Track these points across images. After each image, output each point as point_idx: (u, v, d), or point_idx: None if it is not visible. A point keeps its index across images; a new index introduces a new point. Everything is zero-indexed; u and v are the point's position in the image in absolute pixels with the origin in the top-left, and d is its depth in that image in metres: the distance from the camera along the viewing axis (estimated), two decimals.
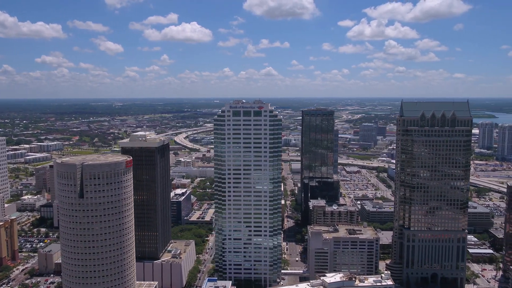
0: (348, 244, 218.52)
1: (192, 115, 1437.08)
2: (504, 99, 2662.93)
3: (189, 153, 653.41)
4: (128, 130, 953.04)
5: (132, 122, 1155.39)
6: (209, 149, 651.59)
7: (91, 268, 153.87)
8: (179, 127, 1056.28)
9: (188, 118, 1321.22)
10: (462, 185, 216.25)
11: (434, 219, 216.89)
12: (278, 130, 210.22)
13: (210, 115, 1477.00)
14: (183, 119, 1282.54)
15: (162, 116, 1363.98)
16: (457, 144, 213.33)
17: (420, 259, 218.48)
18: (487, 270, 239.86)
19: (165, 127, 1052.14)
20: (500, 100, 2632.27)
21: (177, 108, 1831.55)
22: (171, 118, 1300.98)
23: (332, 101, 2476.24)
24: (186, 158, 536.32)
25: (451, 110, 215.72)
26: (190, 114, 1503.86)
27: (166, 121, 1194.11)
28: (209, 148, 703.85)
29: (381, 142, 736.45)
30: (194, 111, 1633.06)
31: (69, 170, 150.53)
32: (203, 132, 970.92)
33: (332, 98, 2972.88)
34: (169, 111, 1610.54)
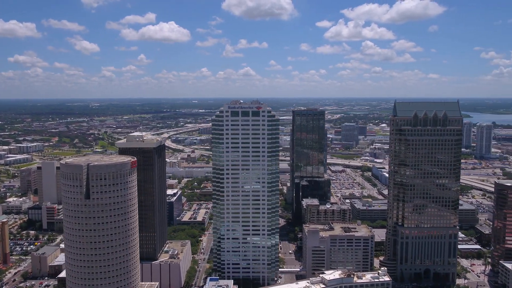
0: (344, 242, 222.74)
1: (172, 116, 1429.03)
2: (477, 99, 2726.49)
3: (173, 154, 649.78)
4: (108, 131, 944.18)
5: (111, 122, 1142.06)
6: (193, 150, 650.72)
7: (97, 269, 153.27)
8: (160, 127, 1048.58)
9: (168, 118, 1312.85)
10: (453, 182, 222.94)
11: (426, 216, 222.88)
12: (276, 131, 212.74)
13: (190, 115, 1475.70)
14: (163, 119, 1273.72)
15: (142, 117, 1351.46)
16: (448, 143, 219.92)
17: (413, 256, 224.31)
18: (476, 265, 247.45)
19: (145, 127, 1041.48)
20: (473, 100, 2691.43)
21: (156, 108, 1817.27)
22: (150, 119, 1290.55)
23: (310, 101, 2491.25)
24: (171, 159, 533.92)
25: (442, 110, 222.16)
26: (170, 114, 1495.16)
27: (146, 122, 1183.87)
28: (193, 148, 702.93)
29: (363, 141, 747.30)
30: (174, 112, 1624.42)
31: (75, 171, 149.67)
32: (184, 132, 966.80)
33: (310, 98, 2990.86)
34: (148, 111, 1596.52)
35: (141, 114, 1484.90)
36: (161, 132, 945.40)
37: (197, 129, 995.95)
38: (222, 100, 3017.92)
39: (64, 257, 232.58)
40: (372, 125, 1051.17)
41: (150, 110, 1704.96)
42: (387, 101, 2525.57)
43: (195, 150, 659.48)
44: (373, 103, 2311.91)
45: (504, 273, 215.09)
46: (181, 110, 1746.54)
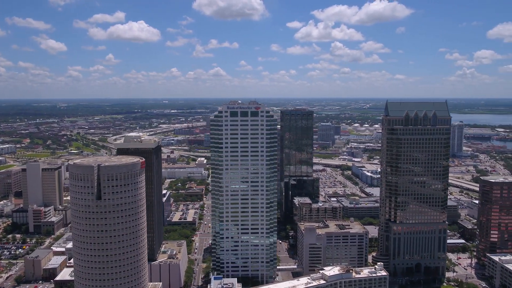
0: (340, 239, 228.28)
1: (144, 116, 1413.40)
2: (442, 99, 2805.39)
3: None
4: (81, 132, 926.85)
5: (83, 123, 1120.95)
6: (172, 151, 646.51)
7: (109, 270, 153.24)
8: (133, 128, 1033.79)
9: (140, 119, 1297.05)
10: (442, 179, 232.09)
11: (418, 212, 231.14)
12: (274, 130, 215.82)
13: (163, 115, 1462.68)
14: (135, 120, 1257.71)
15: (113, 117, 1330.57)
16: (438, 142, 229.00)
17: (405, 251, 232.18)
18: (462, 258, 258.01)
19: (119, 128, 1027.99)
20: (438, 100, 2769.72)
21: (126, 109, 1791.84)
22: (123, 119, 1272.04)
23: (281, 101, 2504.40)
24: None
25: (432, 110, 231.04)
26: (142, 115, 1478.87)
27: (119, 122, 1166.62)
28: (171, 149, 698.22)
29: (339, 141, 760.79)
30: (145, 112, 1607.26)
31: (86, 172, 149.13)
32: (159, 133, 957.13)
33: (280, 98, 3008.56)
34: (118, 112, 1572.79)
35: (112, 114, 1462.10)
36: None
37: (172, 129, 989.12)
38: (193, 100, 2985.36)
39: (57, 260, 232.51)
40: (345, 125, 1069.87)
41: (121, 110, 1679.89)
42: (356, 101, 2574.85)
43: (174, 151, 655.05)
44: (343, 103, 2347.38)
45: (492, 265, 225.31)
46: (153, 110, 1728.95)
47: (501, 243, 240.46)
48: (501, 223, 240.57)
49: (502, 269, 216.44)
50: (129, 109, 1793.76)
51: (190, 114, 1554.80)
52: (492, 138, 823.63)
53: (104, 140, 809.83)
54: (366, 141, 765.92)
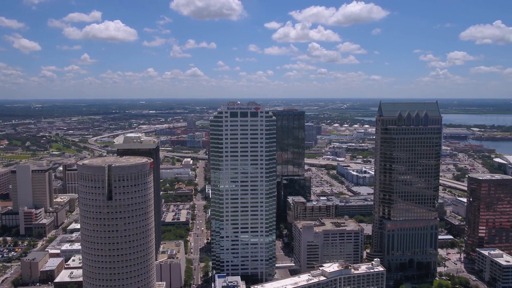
0: (337, 236, 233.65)
1: (122, 117, 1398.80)
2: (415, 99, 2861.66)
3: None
4: (60, 133, 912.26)
5: (61, 124, 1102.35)
6: None
7: (120, 270, 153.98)
8: (113, 129, 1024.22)
9: (119, 120, 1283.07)
10: (434, 177, 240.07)
11: (410, 209, 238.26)
12: (273, 131, 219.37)
13: (141, 116, 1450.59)
14: (114, 121, 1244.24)
15: (91, 118, 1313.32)
16: (430, 141, 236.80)
17: (399, 247, 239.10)
18: (451, 253, 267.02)
19: (98, 129, 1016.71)
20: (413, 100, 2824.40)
21: (103, 109, 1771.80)
22: (101, 120, 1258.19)
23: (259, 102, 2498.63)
24: None
25: (424, 110, 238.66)
26: (120, 115, 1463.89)
27: (98, 123, 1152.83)
28: None
29: (321, 141, 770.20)
30: (123, 113, 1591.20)
31: (97, 173, 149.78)
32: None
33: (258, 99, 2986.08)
34: (96, 113, 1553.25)
35: (89, 115, 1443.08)
36: (116, 134, 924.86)
37: (153, 130, 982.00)
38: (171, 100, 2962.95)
39: (54, 262, 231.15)
40: (325, 125, 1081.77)
41: (98, 111, 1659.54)
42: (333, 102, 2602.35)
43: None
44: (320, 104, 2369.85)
45: (481, 259, 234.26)
46: (131, 111, 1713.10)
47: (489, 238, 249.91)
48: (488, 219, 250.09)
49: (491, 263, 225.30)
50: (106, 109, 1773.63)
51: (169, 114, 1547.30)
52: (468, 138, 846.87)
53: (84, 141, 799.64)
54: (348, 141, 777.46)
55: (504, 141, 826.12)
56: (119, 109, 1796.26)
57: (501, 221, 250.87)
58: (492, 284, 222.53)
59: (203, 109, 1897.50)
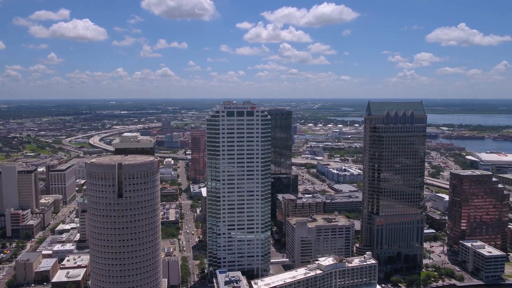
0: (329, 231, 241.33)
1: (94, 117, 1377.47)
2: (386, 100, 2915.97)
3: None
4: (31, 134, 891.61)
5: (31, 125, 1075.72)
6: None
7: (129, 266, 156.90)
8: (86, 130, 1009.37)
9: (91, 120, 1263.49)
10: (420, 173, 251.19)
11: (398, 205, 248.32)
12: (268, 130, 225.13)
13: (113, 117, 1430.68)
14: (86, 121, 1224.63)
15: (62, 119, 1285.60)
16: (416, 138, 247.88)
17: (387, 241, 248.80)
18: (434, 246, 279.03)
19: (71, 130, 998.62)
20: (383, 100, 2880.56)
21: (73, 110, 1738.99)
22: (72, 121, 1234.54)
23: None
24: None
25: (410, 109, 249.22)
26: (91, 116, 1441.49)
27: (69, 124, 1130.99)
28: None
29: (298, 140, 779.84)
30: (94, 113, 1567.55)
31: (108, 171, 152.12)
32: (115, 134, 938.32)
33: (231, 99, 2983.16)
34: (65, 113, 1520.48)
35: (59, 116, 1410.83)
36: (90, 135, 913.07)
37: (128, 131, 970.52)
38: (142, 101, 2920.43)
39: (48, 263, 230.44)
40: (299, 125, 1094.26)
41: (68, 112, 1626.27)
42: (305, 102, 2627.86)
43: None
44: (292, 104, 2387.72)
45: (464, 251, 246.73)
46: (102, 111, 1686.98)
47: (470, 231, 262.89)
48: (470, 213, 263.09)
49: (474, 254, 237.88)
50: (76, 110, 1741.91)
51: (142, 115, 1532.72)
52: (438, 136, 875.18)
53: (58, 142, 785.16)
54: (324, 140, 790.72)
55: (472, 140, 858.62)
56: (89, 110, 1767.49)
57: (481, 214, 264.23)
58: (475, 274, 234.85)
59: (175, 109, 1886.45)
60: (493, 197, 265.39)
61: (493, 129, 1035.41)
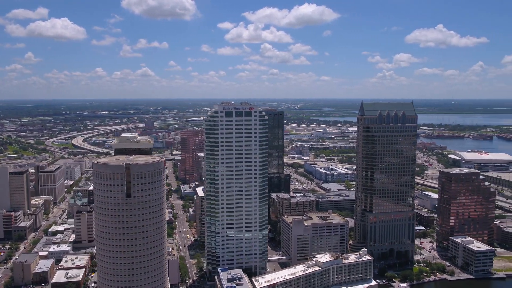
0: (324, 229, 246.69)
1: (75, 118, 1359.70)
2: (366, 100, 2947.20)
3: (98, 157, 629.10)
4: (12, 135, 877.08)
5: (10, 126, 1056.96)
6: None
7: (137, 265, 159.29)
8: (68, 130, 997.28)
9: (72, 121, 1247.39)
10: (411, 171, 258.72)
11: (391, 202, 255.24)
12: (265, 130, 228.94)
13: (94, 117, 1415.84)
14: (67, 122, 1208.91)
15: (42, 119, 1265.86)
16: (407, 138, 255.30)
17: (380, 237, 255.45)
18: (424, 243, 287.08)
19: (52, 131, 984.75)
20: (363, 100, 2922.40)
21: (53, 110, 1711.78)
22: (53, 121, 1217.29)
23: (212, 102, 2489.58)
24: None
25: (401, 110, 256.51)
26: (72, 116, 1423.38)
27: (50, 125, 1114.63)
28: None
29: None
30: (75, 114, 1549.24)
31: (116, 171, 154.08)
32: (98, 135, 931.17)
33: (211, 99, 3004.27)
34: (45, 114, 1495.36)
35: (38, 116, 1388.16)
36: (73, 135, 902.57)
37: (111, 131, 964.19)
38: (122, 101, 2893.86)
39: (45, 264, 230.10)
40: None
41: (47, 112, 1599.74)
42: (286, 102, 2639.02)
43: None
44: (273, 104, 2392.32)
45: (454, 246, 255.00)
46: (82, 112, 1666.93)
47: (458, 228, 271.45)
48: (458, 210, 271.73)
49: (464, 249, 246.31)
50: (55, 110, 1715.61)
51: (123, 115, 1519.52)
52: (419, 136, 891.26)
53: (41, 143, 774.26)
54: (308, 140, 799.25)
55: (452, 139, 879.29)
56: (69, 110, 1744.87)
57: (469, 211, 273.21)
58: (465, 269, 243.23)
59: (157, 109, 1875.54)
60: (480, 194, 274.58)
61: (471, 128, 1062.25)
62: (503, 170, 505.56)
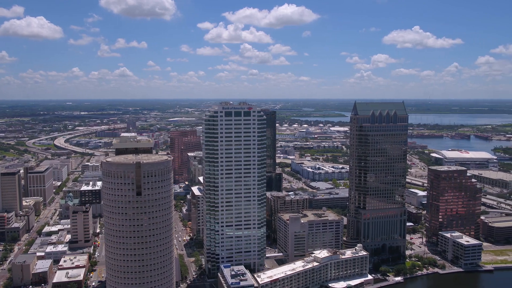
0: (320, 226, 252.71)
1: (54, 118, 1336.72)
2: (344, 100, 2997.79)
3: (82, 157, 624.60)
4: None
5: None
6: (107, 153, 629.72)
7: (146, 262, 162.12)
8: (49, 131, 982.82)
9: (51, 121, 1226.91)
10: (403, 168, 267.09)
11: (383, 199, 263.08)
12: (263, 129, 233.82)
13: (74, 117, 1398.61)
14: (46, 122, 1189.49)
15: (20, 120, 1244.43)
16: (399, 136, 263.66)
17: (373, 233, 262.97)
18: (414, 238, 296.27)
19: (32, 131, 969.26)
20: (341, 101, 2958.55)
21: (30, 111, 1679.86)
22: (31, 122, 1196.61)
23: (192, 102, 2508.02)
24: (94, 163, 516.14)
25: (393, 109, 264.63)
26: (50, 117, 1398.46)
27: (29, 126, 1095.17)
28: (102, 151, 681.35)
29: None
30: (53, 114, 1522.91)
31: (127, 170, 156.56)
32: (80, 135, 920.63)
33: (191, 99, 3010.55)
34: (22, 115, 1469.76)
35: (16, 117, 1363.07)
36: (54, 136, 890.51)
37: (93, 132, 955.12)
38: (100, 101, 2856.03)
39: (44, 264, 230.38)
40: None
41: (24, 113, 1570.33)
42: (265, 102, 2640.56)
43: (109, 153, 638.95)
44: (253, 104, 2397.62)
45: (444, 241, 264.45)
46: (60, 112, 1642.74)
47: (447, 223, 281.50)
48: (447, 206, 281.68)
49: (454, 244, 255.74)
50: (33, 111, 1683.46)
51: (103, 116, 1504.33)
52: None
53: (22, 144, 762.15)
54: (292, 140, 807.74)
55: (431, 138, 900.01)
56: (46, 111, 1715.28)
57: (457, 207, 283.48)
58: (455, 262, 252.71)
59: (136, 110, 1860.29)
60: (467, 191, 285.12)
61: (449, 128, 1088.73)
62: (483, 168, 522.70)
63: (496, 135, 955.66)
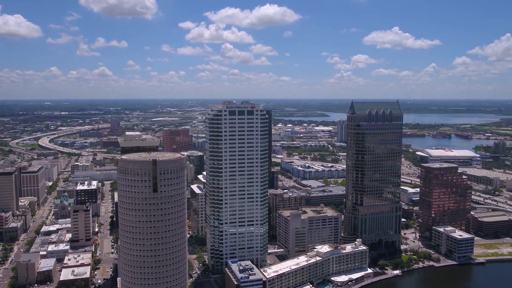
0: (320, 222, 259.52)
1: (34, 119, 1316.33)
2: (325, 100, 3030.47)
3: (69, 158, 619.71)
4: None
5: None
6: (95, 153, 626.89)
7: (162, 257, 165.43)
8: (31, 131, 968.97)
9: (32, 121, 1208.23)
10: (397, 165, 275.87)
11: (379, 195, 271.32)
12: (266, 128, 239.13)
13: (55, 117, 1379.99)
14: (27, 123, 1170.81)
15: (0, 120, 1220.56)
16: (394, 134, 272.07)
17: (370, 229, 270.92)
18: (407, 233, 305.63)
19: (13, 132, 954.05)
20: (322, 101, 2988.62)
21: (8, 111, 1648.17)
22: (11, 122, 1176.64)
23: (174, 102, 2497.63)
24: (84, 163, 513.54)
25: (388, 109, 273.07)
26: (30, 117, 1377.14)
27: (10, 126, 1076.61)
28: (89, 151, 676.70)
29: None
30: (32, 114, 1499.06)
31: (144, 167, 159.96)
32: (64, 135, 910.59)
33: (173, 99, 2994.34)
34: (2, 115, 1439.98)
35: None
36: (37, 136, 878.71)
37: (77, 132, 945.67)
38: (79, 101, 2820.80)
39: (48, 263, 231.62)
40: None
41: (4, 113, 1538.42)
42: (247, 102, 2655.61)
43: (97, 153, 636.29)
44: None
45: (437, 235, 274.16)
46: (40, 112, 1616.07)
47: (439, 219, 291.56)
48: (439, 202, 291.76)
49: (447, 238, 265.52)
50: (11, 111, 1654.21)
51: (84, 116, 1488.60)
52: None
53: (5, 144, 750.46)
54: (279, 139, 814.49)
55: (414, 137, 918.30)
56: (25, 111, 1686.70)
57: (449, 203, 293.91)
58: (448, 256, 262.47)
59: (118, 110, 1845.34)
60: (458, 187, 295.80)
61: (430, 127, 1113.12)
62: (467, 165, 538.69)
63: (476, 134, 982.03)
